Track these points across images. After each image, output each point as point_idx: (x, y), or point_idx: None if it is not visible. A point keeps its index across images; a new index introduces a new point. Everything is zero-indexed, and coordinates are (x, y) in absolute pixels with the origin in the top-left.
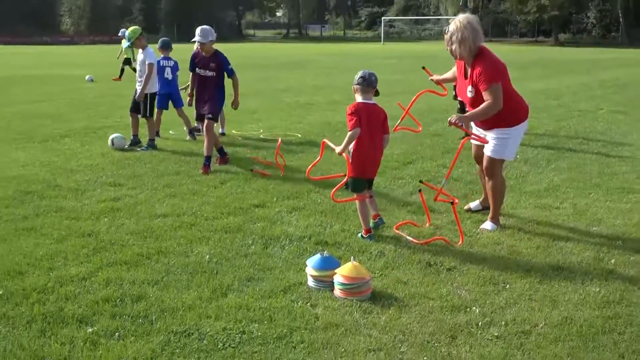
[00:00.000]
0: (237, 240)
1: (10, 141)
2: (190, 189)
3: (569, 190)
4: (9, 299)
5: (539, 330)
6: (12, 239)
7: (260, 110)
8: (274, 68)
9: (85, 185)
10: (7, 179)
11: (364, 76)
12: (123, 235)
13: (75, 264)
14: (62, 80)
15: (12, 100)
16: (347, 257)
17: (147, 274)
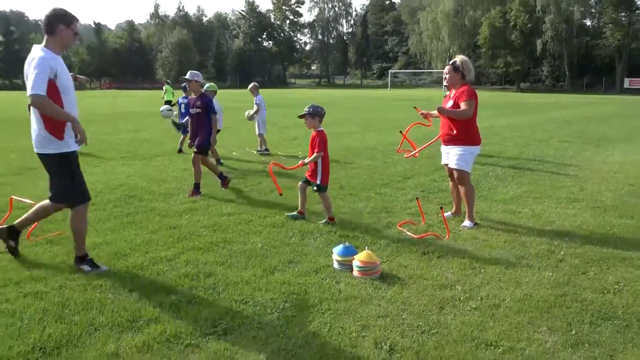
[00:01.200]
0: (281, 233)
1: (118, 159)
2: (247, 194)
3: (529, 199)
4: (116, 274)
5: (506, 304)
6: (119, 230)
7: (299, 137)
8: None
9: (172, 191)
10: (116, 186)
11: (321, 108)
12: (198, 228)
13: (163, 248)
14: (155, 115)
15: (119, 130)
16: (363, 246)
17: (215, 257)
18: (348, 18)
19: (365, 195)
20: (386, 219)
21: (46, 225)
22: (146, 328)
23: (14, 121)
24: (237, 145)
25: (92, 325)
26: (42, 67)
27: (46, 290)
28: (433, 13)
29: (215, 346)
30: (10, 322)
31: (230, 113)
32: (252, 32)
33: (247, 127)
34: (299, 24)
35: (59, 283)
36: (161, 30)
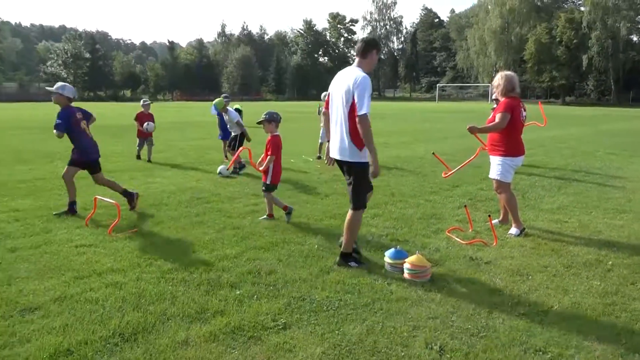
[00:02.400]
0: (336, 235)
1: (187, 164)
2: (304, 199)
3: (575, 209)
4: (186, 269)
5: (554, 311)
6: (188, 229)
7: None
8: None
9: (236, 195)
10: (186, 188)
11: (276, 114)
12: (260, 229)
13: (228, 246)
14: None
15: (187, 138)
16: (413, 250)
17: (276, 256)
18: (398, 35)
19: (415, 202)
20: (435, 225)
21: (126, 223)
22: (213, 319)
23: (98, 129)
24: (294, 153)
25: (164, 314)
26: (370, 88)
27: (125, 281)
28: (480, 30)
29: (275, 339)
30: (94, 309)
31: (289, 123)
32: (309, 49)
33: (303, 136)
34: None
35: (136, 275)
36: (227, 47)
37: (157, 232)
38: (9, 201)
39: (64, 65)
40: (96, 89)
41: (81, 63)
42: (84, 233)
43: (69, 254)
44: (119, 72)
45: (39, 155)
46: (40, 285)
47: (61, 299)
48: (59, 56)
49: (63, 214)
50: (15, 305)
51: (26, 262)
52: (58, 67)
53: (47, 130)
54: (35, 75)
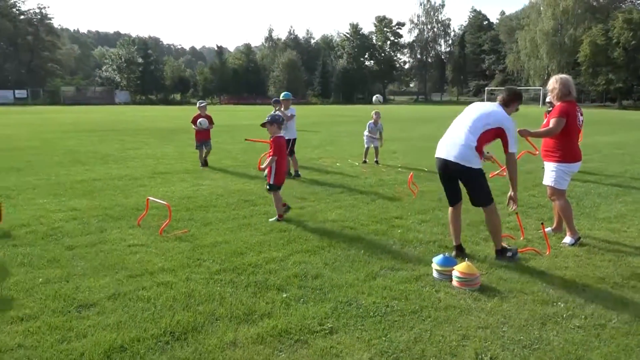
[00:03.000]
0: (382, 240)
1: (235, 167)
2: (350, 203)
3: (634, 218)
4: (234, 270)
5: (612, 325)
6: (236, 231)
7: (398, 151)
8: (408, 122)
9: (284, 198)
10: (233, 191)
11: (279, 116)
12: (306, 233)
13: (275, 249)
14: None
15: (236, 140)
16: (462, 257)
17: (322, 260)
18: (446, 38)
19: (463, 208)
20: (485, 232)
21: (175, 223)
22: (260, 322)
23: (150, 132)
24: (340, 157)
25: (213, 315)
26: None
27: (175, 281)
28: (532, 32)
29: (322, 343)
30: (146, 307)
31: (334, 127)
32: (355, 53)
33: (349, 140)
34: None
35: (186, 275)
36: (274, 52)
37: (206, 234)
38: (67, 200)
39: (118, 70)
40: (147, 93)
41: (134, 68)
42: (136, 233)
43: (122, 253)
44: (169, 77)
45: (94, 157)
46: (96, 283)
47: (115, 296)
48: (113, 61)
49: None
50: (72, 301)
51: (82, 259)
52: (112, 71)
53: (101, 132)
54: (91, 79)
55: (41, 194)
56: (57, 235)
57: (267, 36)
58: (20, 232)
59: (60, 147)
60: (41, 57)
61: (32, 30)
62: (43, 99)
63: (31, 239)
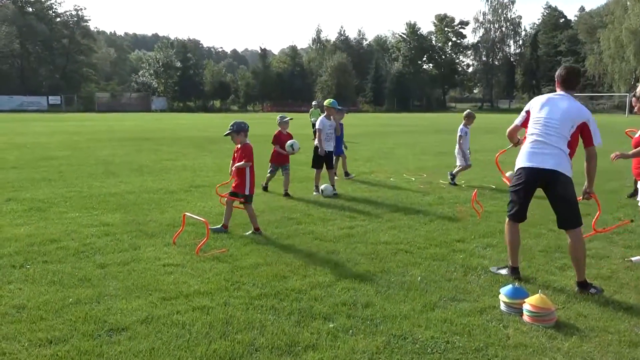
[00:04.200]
0: (442, 267)
1: (278, 181)
2: (405, 223)
3: None
4: (276, 295)
5: None
6: (278, 252)
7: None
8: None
9: (329, 215)
10: (276, 207)
11: (244, 124)
12: (356, 256)
13: (321, 273)
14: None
15: None
16: (534, 289)
17: (373, 287)
18: (516, 38)
19: (535, 232)
20: (560, 259)
21: (213, 242)
22: (304, 354)
23: (189, 140)
24: (394, 171)
25: (252, 345)
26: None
27: (212, 305)
28: (616, 31)
29: None
30: (181, 334)
31: (386, 138)
32: (411, 55)
33: (404, 152)
34: (461, 46)
35: (224, 300)
36: (322, 55)
37: (245, 254)
38: (100, 215)
39: (155, 74)
40: (185, 100)
41: (172, 72)
42: (172, 252)
43: (156, 273)
44: (209, 82)
45: (128, 168)
46: (128, 305)
47: (148, 320)
48: (150, 65)
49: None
50: (103, 324)
51: (114, 279)
52: (149, 76)
53: (136, 141)
54: (127, 85)
55: (73, 207)
56: (89, 252)
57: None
58: (50, 248)
59: (93, 157)
60: (76, 61)
61: (67, 33)
62: (77, 106)
63: (62, 255)
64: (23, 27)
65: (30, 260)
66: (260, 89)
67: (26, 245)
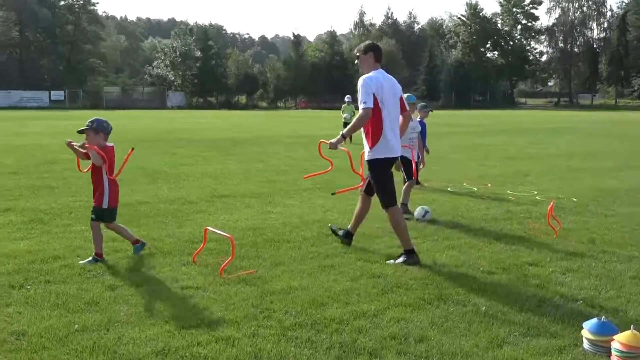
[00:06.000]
0: (511, 295)
1: (315, 190)
2: (466, 242)
3: None
4: (312, 326)
5: None
6: (315, 274)
7: (532, 173)
8: (544, 133)
9: (375, 232)
10: (312, 222)
11: (106, 124)
12: (406, 280)
13: (366, 301)
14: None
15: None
16: (625, 324)
17: (428, 317)
18: (600, 20)
19: (625, 255)
20: None
21: (239, 262)
22: None
23: (212, 142)
24: (452, 179)
25: None
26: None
27: (238, 336)
28: None
29: None
30: None
31: (442, 139)
32: (472, 41)
33: (463, 156)
34: (533, 30)
35: (252, 330)
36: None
37: (276, 276)
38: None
39: (171, 65)
40: (206, 95)
41: (190, 63)
42: (192, 272)
43: (173, 297)
44: (234, 74)
45: (141, 174)
46: (142, 334)
47: (165, 352)
48: (166, 55)
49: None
50: (113, 355)
51: (126, 303)
52: (165, 68)
53: (150, 143)
54: (139, 77)
55: (79, 219)
56: (97, 271)
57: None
58: (54, 266)
59: None
60: (82, 51)
61: (72, 18)
62: (82, 102)
63: (66, 274)
64: (23, 12)
65: (30, 280)
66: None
67: (26, 262)
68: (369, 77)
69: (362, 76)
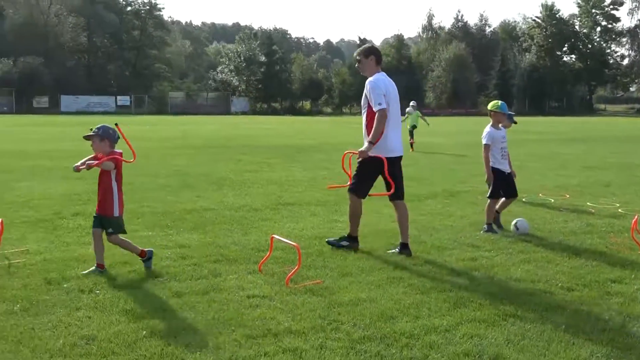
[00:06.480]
0: (593, 313)
1: (382, 199)
2: (544, 256)
3: None
4: (382, 340)
5: None
6: (384, 286)
7: (613, 184)
8: (625, 141)
9: (446, 244)
10: (380, 231)
11: (113, 130)
12: (480, 295)
13: (437, 315)
14: (424, 146)
15: None
16: None
17: (503, 335)
18: None
19: None
20: None
21: (305, 272)
22: None
23: (277, 149)
24: (527, 190)
25: None
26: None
27: (305, 347)
28: None
29: None
30: None
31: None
32: (548, 44)
33: (539, 166)
34: (614, 32)
35: (319, 342)
36: (434, 45)
37: (344, 287)
38: (175, 235)
39: (235, 70)
40: (270, 100)
41: (255, 68)
42: (257, 281)
43: (240, 306)
44: (298, 79)
45: (206, 181)
46: (209, 342)
47: None
48: (230, 60)
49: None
50: None
51: (192, 310)
52: (229, 72)
53: (214, 149)
54: (203, 83)
55: (145, 224)
56: (164, 277)
57: (426, 24)
58: (122, 271)
59: (166, 167)
60: (147, 56)
61: (138, 24)
62: (148, 107)
63: (134, 280)
64: (91, 17)
65: (99, 285)
66: (359, 87)
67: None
68: (377, 79)
69: (369, 79)
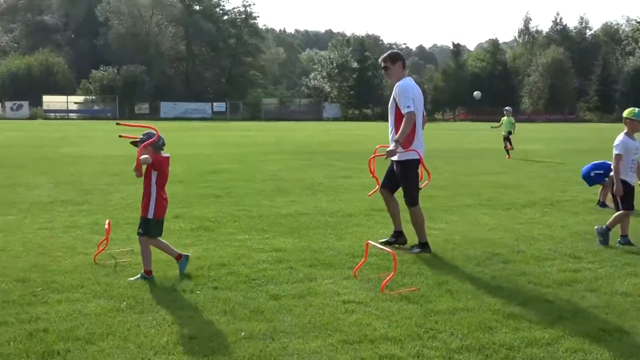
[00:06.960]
0: None
1: (477, 206)
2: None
3: None
4: (480, 350)
5: None
6: (481, 295)
7: None
8: None
9: (546, 254)
10: (475, 240)
11: (161, 139)
12: (584, 308)
13: (538, 327)
14: (521, 154)
15: (476, 170)
16: None
17: (609, 351)
18: None
19: None
20: None
21: (400, 279)
22: None
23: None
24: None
25: None
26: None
27: (402, 355)
28: None
29: None
30: None
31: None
32: None
33: None
34: None
35: (416, 350)
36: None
37: (440, 295)
38: (271, 238)
39: (328, 77)
40: (362, 106)
41: (347, 74)
42: (353, 286)
43: (335, 311)
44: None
45: (300, 186)
46: (305, 345)
47: None
48: (323, 67)
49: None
50: None
51: (289, 313)
52: (322, 79)
53: (307, 155)
54: (296, 89)
55: (242, 228)
56: (261, 280)
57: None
58: (220, 273)
59: (261, 172)
60: (243, 63)
61: (234, 32)
62: (242, 113)
63: (232, 282)
64: (189, 26)
65: (199, 286)
66: (452, 93)
67: (195, 268)
68: (406, 83)
69: (398, 83)
